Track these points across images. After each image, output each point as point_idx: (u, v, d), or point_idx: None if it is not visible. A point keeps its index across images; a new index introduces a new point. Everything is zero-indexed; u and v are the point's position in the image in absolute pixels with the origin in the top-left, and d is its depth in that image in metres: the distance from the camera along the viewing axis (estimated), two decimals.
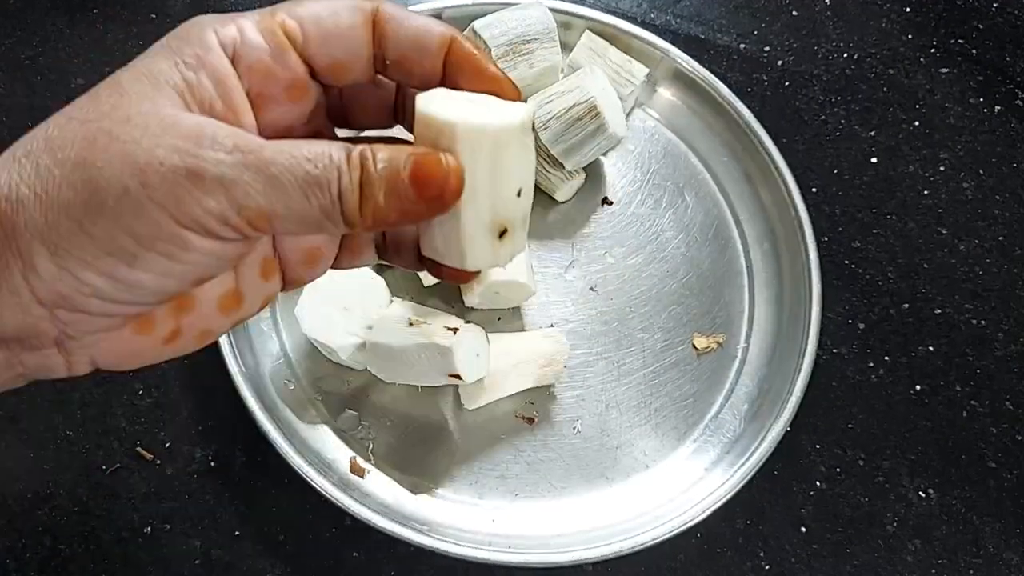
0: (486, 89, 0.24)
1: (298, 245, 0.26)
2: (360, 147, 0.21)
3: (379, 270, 0.48)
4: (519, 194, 0.24)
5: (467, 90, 0.24)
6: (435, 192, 0.21)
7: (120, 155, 0.19)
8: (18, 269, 0.19)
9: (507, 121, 0.22)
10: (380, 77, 0.25)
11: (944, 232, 0.58)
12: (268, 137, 0.21)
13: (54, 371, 0.22)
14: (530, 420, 0.49)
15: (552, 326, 0.52)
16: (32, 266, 0.19)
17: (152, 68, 0.21)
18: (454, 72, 0.24)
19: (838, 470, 0.50)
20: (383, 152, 0.21)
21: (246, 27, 0.22)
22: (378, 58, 0.24)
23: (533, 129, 0.51)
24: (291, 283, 0.27)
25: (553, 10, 0.56)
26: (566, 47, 0.57)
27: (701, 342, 0.52)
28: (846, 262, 0.56)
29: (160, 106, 0.20)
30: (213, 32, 0.21)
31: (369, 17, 0.23)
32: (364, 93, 0.26)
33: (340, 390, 0.49)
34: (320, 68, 0.23)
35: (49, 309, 0.20)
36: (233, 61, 0.21)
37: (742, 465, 0.46)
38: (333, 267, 0.27)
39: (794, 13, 0.66)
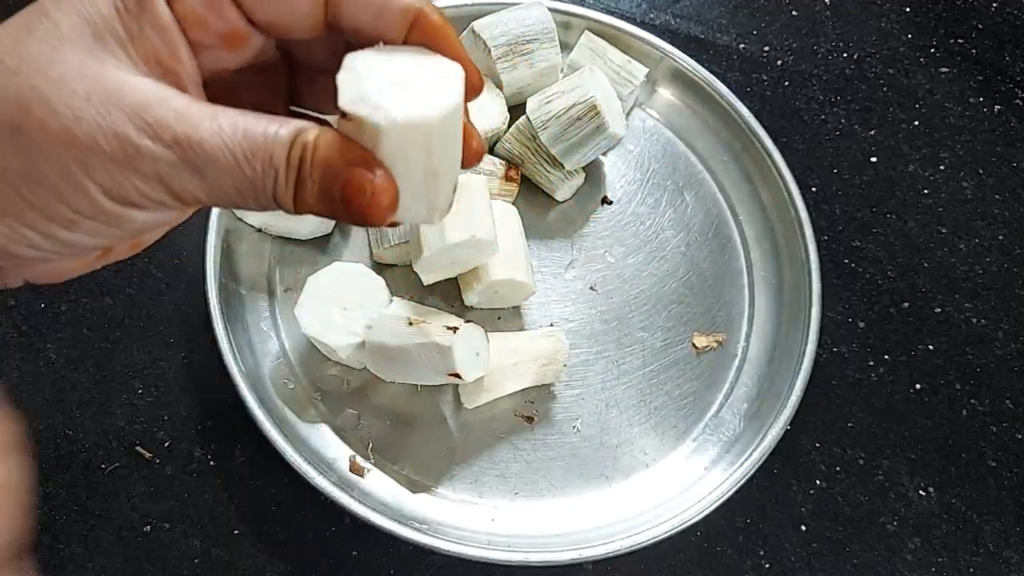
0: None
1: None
2: (300, 141, 0.21)
3: (379, 270, 0.48)
4: (435, 175, 0.23)
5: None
6: (362, 211, 0.21)
7: (61, 133, 0.19)
8: None
9: (424, 114, 0.21)
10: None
11: (944, 231, 0.58)
12: (210, 79, 0.22)
13: None
14: (530, 419, 0.49)
15: (552, 325, 0.52)
16: None
17: (92, 11, 0.20)
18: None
19: (838, 469, 0.50)
20: (321, 152, 0.21)
21: None
22: (333, 25, 0.23)
23: (531, 124, 0.51)
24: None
25: (553, 10, 0.56)
26: (566, 47, 0.57)
27: (701, 341, 0.52)
28: (846, 261, 0.56)
29: (105, 67, 0.20)
30: None
31: None
32: (322, 73, 0.25)
33: (339, 389, 0.49)
34: (261, 24, 0.23)
35: None
36: (171, 8, 0.21)
37: (742, 464, 0.46)
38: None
39: (794, 13, 0.67)
